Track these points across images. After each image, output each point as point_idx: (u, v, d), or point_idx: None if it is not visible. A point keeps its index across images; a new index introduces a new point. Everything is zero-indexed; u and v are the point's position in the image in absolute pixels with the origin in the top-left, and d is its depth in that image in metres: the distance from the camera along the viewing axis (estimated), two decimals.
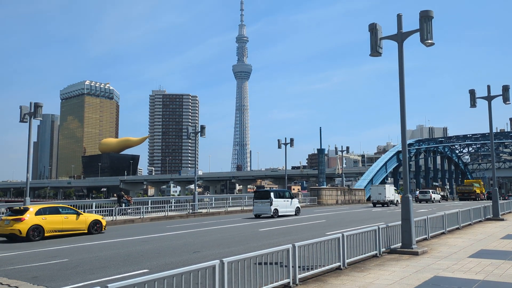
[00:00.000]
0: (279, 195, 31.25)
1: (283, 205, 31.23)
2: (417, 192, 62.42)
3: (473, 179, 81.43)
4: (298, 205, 33.06)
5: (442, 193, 68.98)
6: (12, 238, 18.54)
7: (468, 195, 65.64)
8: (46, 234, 19.13)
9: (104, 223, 21.88)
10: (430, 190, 60.76)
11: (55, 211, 20.24)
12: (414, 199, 55.29)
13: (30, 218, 18.87)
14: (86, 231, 20.79)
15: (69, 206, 22.16)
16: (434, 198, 57.03)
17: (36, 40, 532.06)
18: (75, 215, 20.75)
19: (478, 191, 67.91)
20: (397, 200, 48.96)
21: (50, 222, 19.41)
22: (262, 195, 31.01)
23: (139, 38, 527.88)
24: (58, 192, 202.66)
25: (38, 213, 19.35)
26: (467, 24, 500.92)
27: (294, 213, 32.03)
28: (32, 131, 25.39)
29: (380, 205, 46.88)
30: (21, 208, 19.72)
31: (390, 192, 48.76)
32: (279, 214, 30.40)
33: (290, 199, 32.12)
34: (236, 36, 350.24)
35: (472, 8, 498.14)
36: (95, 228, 21.08)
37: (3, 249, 15.52)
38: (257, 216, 30.58)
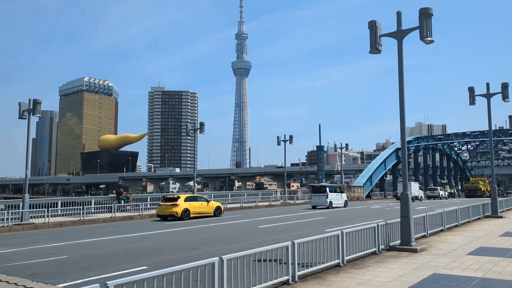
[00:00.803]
0: (332, 190, 36.93)
1: (336, 198, 36.71)
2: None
3: (477, 177, 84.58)
4: (346, 199, 38.81)
5: (450, 191, 71.91)
6: (167, 218, 26.11)
7: (475, 192, 68.65)
8: (191, 215, 26.38)
9: (222, 209, 29.14)
10: (438, 188, 64.88)
11: (194, 199, 27.47)
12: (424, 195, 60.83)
13: (181, 204, 26.10)
14: (212, 214, 27.89)
15: (202, 196, 30.04)
16: (441, 195, 61.23)
17: (35, 36, 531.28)
18: (206, 202, 28.00)
19: (483, 188, 70.26)
20: (421, 196, 54.85)
21: (193, 207, 26.78)
22: (318, 189, 36.40)
23: (138, 34, 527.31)
24: (57, 188, 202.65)
25: (186, 200, 26.67)
26: (466, 20, 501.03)
27: (343, 205, 37.48)
28: (31, 128, 25.34)
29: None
30: (174, 196, 27.08)
31: (415, 189, 53.54)
32: (333, 206, 35.89)
33: (340, 193, 37.93)
34: (236, 33, 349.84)
35: (472, 5, 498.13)
36: (218, 212, 28.26)
37: (3, 246, 15.52)
38: (314, 207, 35.87)
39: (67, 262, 11.67)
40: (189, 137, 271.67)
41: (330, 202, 35.76)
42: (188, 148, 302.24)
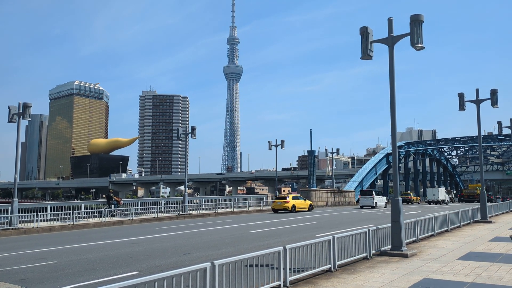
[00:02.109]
0: (376, 193, 48.15)
1: (379, 200, 47.16)
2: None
3: (473, 184, 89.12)
4: (386, 201, 48.85)
5: (450, 196, 73.72)
6: (277, 211, 37.03)
7: (473, 197, 70.65)
8: (296, 210, 37.12)
9: (313, 205, 41.20)
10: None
11: (297, 198, 38.89)
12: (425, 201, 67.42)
13: (290, 201, 37.23)
14: (307, 209, 38.75)
15: (301, 196, 42.33)
16: (441, 200, 64.42)
17: (25, 40, 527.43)
18: (304, 201, 39.22)
19: (479, 192, 71.38)
20: (448, 200, 63.39)
21: (297, 203, 37.75)
22: (366, 193, 48.05)
23: (130, 38, 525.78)
24: (46, 193, 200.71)
25: (293, 199, 37.97)
26: (456, 28, 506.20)
27: (384, 205, 47.28)
28: (20, 131, 25.09)
29: (434, 204, 60.81)
30: (284, 196, 39.02)
31: (442, 194, 63.05)
32: (377, 206, 45.75)
33: (382, 196, 49.43)
34: (227, 38, 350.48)
35: (461, 12, 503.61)
36: (310, 208, 39.30)
37: None
38: (362, 207, 46.04)
39: (56, 267, 11.55)
40: (180, 142, 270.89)
41: (376, 203, 45.83)
42: (179, 152, 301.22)
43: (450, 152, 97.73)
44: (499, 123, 36.86)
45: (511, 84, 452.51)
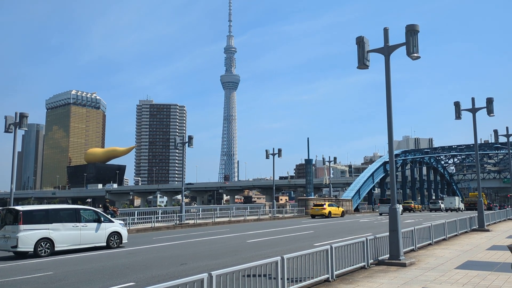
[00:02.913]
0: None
1: (397, 207, 50.75)
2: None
3: (475, 192, 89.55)
4: (402, 208, 54.79)
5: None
6: (315, 217, 43.32)
7: (474, 205, 71.56)
8: (331, 216, 43.13)
9: (345, 212, 48.40)
10: (439, 201, 71.57)
11: (332, 205, 45.14)
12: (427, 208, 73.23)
13: (326, 207, 43.69)
14: (340, 215, 45.31)
15: (336, 203, 49.42)
16: (442, 207, 68.25)
17: (22, 49, 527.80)
18: (337, 207, 45.89)
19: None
20: (462, 208, 69.93)
21: (332, 210, 44.28)
22: (385, 201, 55.81)
23: (127, 47, 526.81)
24: (43, 202, 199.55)
25: (328, 205, 44.27)
26: (452, 36, 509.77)
27: (400, 212, 49.52)
28: (17, 141, 25.02)
29: (450, 211, 66.53)
30: (321, 203, 45.30)
31: (458, 202, 70.65)
32: None
33: (400, 205, 54.16)
34: (224, 47, 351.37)
35: (455, 22, 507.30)
36: (343, 214, 46.09)
37: None
38: (381, 214, 50.05)
39: (52, 278, 11.46)
40: (177, 151, 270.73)
41: None
42: (176, 161, 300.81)
43: (447, 160, 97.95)
44: (495, 132, 36.98)
45: (507, 92, 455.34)
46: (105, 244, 18.78)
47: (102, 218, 19.18)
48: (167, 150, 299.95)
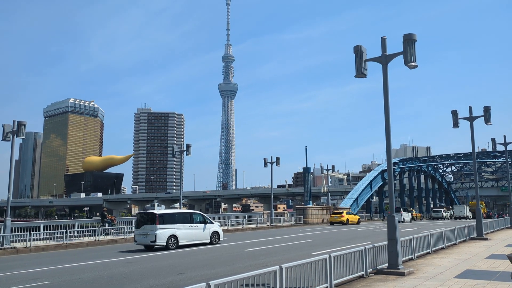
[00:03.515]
0: (404, 210, 60.75)
1: (406, 216, 58.10)
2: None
3: (472, 201, 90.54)
4: (411, 216, 61.30)
5: (450, 212, 76.68)
6: (333, 224, 46.85)
7: (473, 214, 72.54)
8: (349, 223, 46.74)
9: (356, 220, 49.66)
10: (442, 209, 72.48)
11: (350, 213, 49.56)
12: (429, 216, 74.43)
13: (344, 215, 47.35)
14: (356, 223, 48.70)
15: (350, 211, 53.85)
16: (445, 216, 69.63)
17: (21, 58, 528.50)
18: (354, 215, 50.13)
19: (482, 210, 72.12)
20: (471, 216, 70.86)
21: (350, 217, 47.93)
22: (396, 210, 53.32)
23: (125, 56, 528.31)
24: (40, 211, 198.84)
25: (346, 213, 48.01)
26: (449, 44, 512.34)
27: (409, 220, 58.22)
28: (14, 149, 24.95)
29: (459, 219, 69.53)
30: (340, 211, 49.07)
31: (467, 210, 73.82)
32: (404, 221, 55.34)
33: (409, 212, 61.87)
34: (222, 55, 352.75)
35: (453, 30, 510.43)
36: (359, 221, 49.94)
37: None
38: None
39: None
40: (175, 159, 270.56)
41: (404, 218, 55.57)
42: (174, 169, 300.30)
43: (444, 168, 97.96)
44: (493, 140, 37.04)
45: (505, 100, 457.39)
46: (209, 240, 23.38)
47: (207, 220, 23.92)
48: (165, 158, 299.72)
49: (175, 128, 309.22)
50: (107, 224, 30.97)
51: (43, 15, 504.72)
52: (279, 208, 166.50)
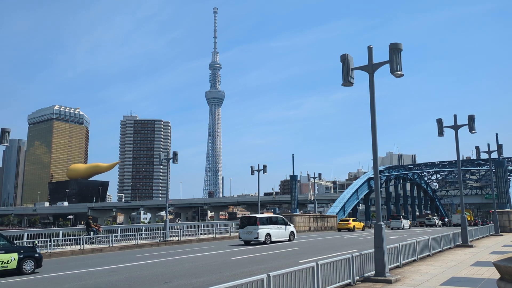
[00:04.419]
0: (404, 217, 63.42)
1: (406, 222, 59.97)
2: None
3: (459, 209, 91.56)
4: (410, 223, 63.25)
5: (443, 220, 77.84)
6: (340, 230, 51.15)
7: (470, 221, 73.96)
8: (355, 229, 50.68)
9: (361, 227, 53.92)
10: (434, 217, 74.64)
11: (356, 220, 53.87)
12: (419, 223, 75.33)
13: (351, 223, 51.38)
14: (361, 229, 52.67)
15: (356, 218, 61.11)
16: (437, 223, 70.89)
17: (5, 64, 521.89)
18: (359, 222, 54.59)
19: (468, 218, 73.15)
20: (471, 223, 69.25)
21: (356, 224, 51.91)
22: (395, 217, 61.56)
23: (111, 63, 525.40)
24: (23, 219, 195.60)
25: (353, 221, 52.17)
26: (433, 54, 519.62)
27: (408, 227, 59.85)
28: None
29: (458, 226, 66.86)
30: (347, 218, 54.14)
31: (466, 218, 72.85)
32: (404, 227, 57.61)
33: (408, 219, 64.95)
34: (209, 63, 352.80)
35: (439, 40, 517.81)
36: (363, 228, 53.35)
37: None
38: (392, 229, 55.56)
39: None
40: (161, 167, 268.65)
41: (404, 225, 57.86)
42: (160, 177, 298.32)
43: (430, 176, 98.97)
44: (477, 148, 37.51)
45: (489, 109, 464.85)
46: (288, 238, 31.56)
47: (288, 223, 32.26)
48: (151, 166, 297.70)
49: (162, 136, 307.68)
50: (92, 233, 30.57)
51: (28, 22, 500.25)
52: None
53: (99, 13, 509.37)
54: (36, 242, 24.49)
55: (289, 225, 32.27)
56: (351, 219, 53.93)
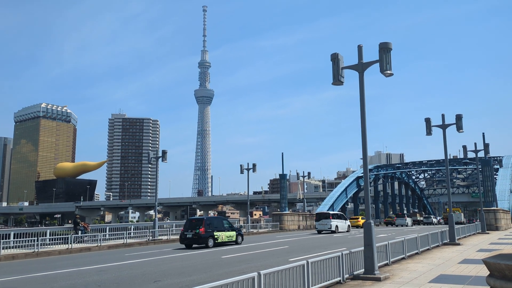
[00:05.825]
0: (407, 216, 66.01)
1: (409, 221, 64.25)
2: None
3: (453, 208, 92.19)
4: (412, 221, 66.59)
5: (420, 218, 77.36)
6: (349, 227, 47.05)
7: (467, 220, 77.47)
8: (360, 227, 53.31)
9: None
10: (432, 216, 76.86)
11: (363, 218, 49.07)
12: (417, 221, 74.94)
13: (360, 220, 55.00)
14: (361, 226, 49.00)
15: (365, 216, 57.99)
16: (434, 221, 72.68)
17: None
18: (358, 219, 56.93)
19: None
20: (464, 221, 72.60)
21: (360, 223, 53.84)
22: (400, 216, 65.54)
23: (99, 61, 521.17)
24: (9, 218, 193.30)
25: (362, 218, 55.82)
26: (422, 53, 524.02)
27: (411, 224, 63.83)
28: None
29: (457, 224, 74.19)
30: (356, 216, 62.75)
31: (462, 217, 74.52)
32: (408, 225, 62.21)
33: (411, 218, 66.50)
34: (199, 61, 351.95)
35: (427, 39, 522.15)
36: (350, 227, 48.67)
37: None
38: (397, 226, 61.74)
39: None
40: (150, 165, 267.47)
41: (407, 222, 62.63)
42: (149, 176, 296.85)
43: (417, 175, 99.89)
44: (464, 147, 37.88)
45: (477, 108, 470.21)
46: (346, 230, 43.42)
47: (347, 218, 44.78)
48: (139, 164, 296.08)
49: (150, 134, 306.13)
50: (80, 232, 30.33)
51: (15, 18, 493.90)
52: (255, 214, 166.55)
53: (87, 10, 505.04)
54: None
55: (347, 220, 45.34)
56: (360, 217, 59.94)
